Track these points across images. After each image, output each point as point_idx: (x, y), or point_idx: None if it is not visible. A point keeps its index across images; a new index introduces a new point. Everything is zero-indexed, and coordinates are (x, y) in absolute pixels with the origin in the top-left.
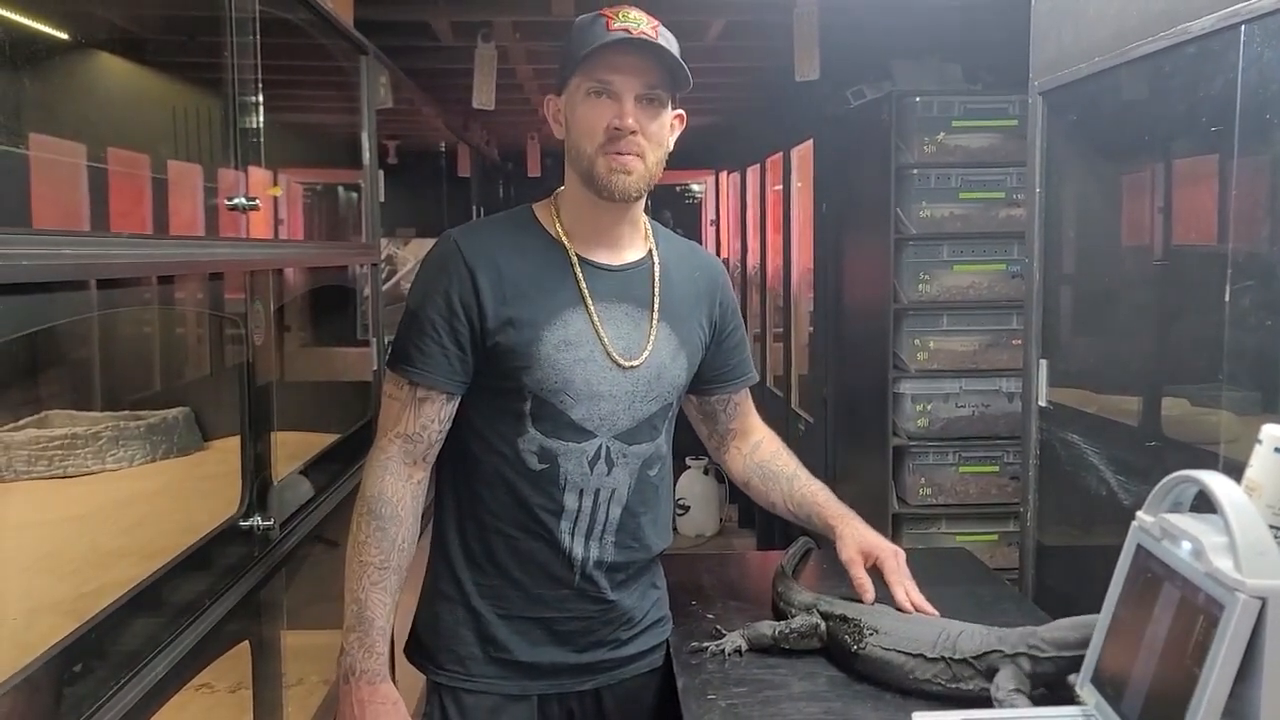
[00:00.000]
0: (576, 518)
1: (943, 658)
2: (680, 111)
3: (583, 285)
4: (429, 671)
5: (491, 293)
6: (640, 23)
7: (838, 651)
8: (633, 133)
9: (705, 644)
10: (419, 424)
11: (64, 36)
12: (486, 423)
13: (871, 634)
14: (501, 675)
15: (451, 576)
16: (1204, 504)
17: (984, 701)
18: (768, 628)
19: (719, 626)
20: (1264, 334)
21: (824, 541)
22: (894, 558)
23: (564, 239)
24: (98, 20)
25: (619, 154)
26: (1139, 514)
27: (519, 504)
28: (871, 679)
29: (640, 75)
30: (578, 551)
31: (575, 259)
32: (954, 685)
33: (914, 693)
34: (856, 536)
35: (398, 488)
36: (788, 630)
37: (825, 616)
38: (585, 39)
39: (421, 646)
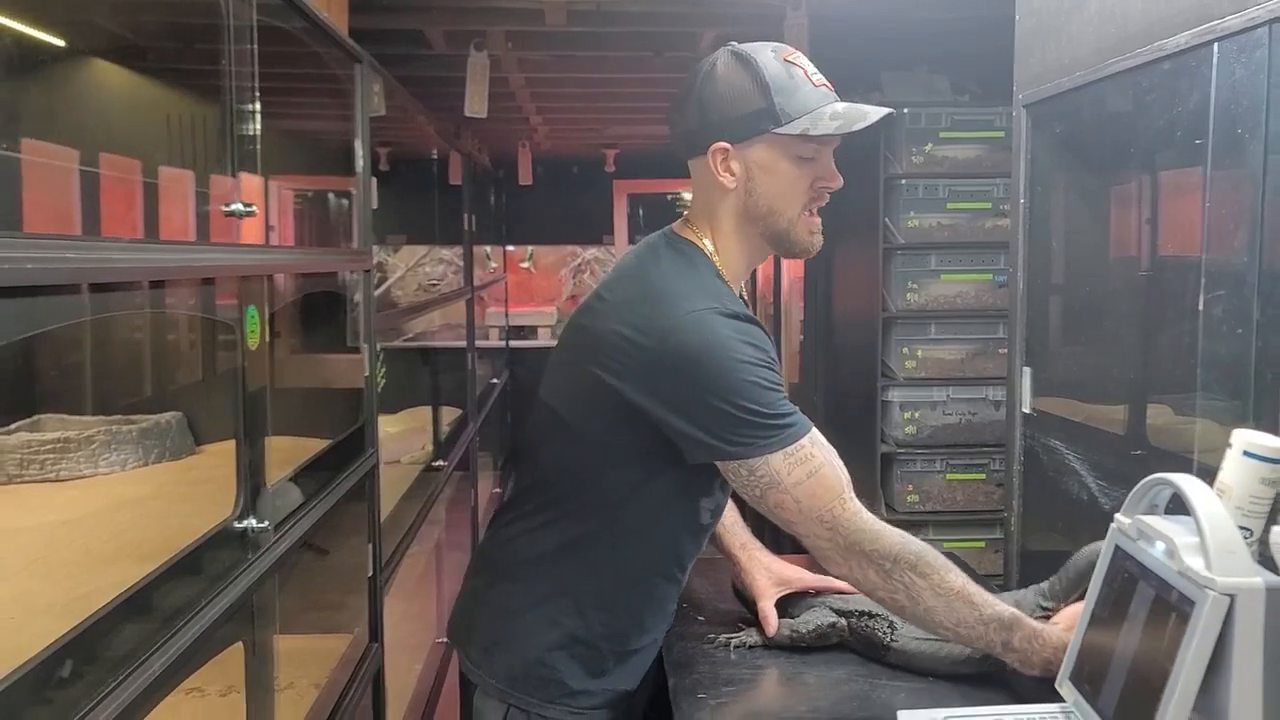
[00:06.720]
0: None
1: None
2: None
3: None
4: (522, 703)
5: None
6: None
7: (864, 647)
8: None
9: (723, 635)
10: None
11: (61, 43)
12: (675, 484)
13: (903, 625)
14: (608, 704)
15: (578, 618)
16: (1179, 506)
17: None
18: (784, 627)
19: (741, 624)
20: (1235, 342)
21: None
22: (817, 582)
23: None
24: (97, 28)
25: (814, 215)
26: (1117, 516)
27: (674, 555)
28: (906, 669)
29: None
30: (686, 579)
31: None
32: (986, 663)
33: (949, 677)
34: (768, 569)
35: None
36: (803, 630)
37: (843, 614)
38: (789, 90)
39: (526, 679)
